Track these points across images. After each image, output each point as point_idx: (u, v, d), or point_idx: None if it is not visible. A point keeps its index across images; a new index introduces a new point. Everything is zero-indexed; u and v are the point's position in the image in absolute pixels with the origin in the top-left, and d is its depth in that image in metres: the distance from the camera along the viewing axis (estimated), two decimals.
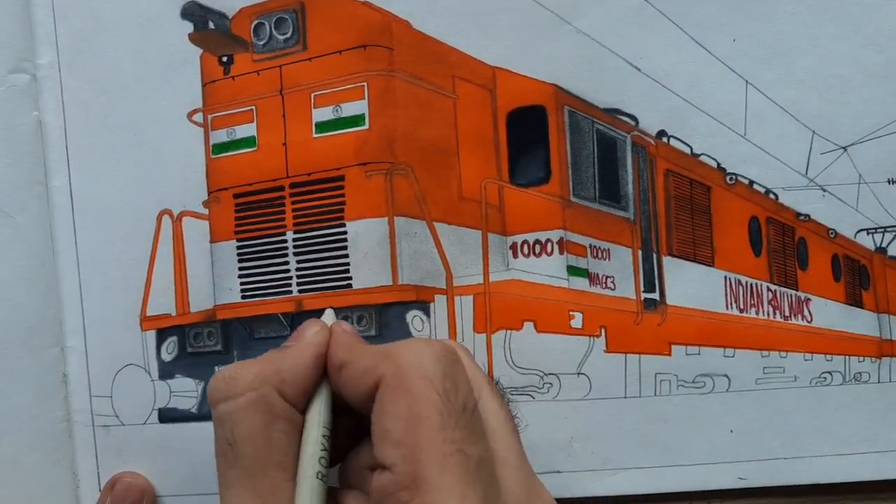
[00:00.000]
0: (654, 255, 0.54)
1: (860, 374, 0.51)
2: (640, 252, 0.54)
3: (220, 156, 0.53)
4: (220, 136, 0.53)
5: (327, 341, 0.41)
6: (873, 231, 0.51)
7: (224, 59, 0.53)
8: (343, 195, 0.51)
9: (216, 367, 0.52)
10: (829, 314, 0.54)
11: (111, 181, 0.53)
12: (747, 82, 0.51)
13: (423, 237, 0.50)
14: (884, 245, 0.52)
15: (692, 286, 0.52)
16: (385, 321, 0.50)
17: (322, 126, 0.51)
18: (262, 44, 0.52)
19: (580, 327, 0.52)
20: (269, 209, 0.52)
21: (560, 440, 0.51)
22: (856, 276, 0.54)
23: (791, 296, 0.55)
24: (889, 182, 0.51)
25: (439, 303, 0.50)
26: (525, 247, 0.52)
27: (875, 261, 0.52)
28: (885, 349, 0.52)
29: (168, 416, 0.53)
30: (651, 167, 0.54)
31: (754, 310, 0.54)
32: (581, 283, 0.52)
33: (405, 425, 0.36)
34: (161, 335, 0.53)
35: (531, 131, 0.53)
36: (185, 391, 0.53)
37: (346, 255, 0.51)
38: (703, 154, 0.52)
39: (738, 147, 0.51)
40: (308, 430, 0.39)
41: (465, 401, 0.37)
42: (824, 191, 0.52)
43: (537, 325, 0.51)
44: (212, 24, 0.52)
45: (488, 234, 0.52)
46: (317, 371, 0.40)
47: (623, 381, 0.51)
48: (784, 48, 0.51)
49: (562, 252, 0.52)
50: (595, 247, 0.53)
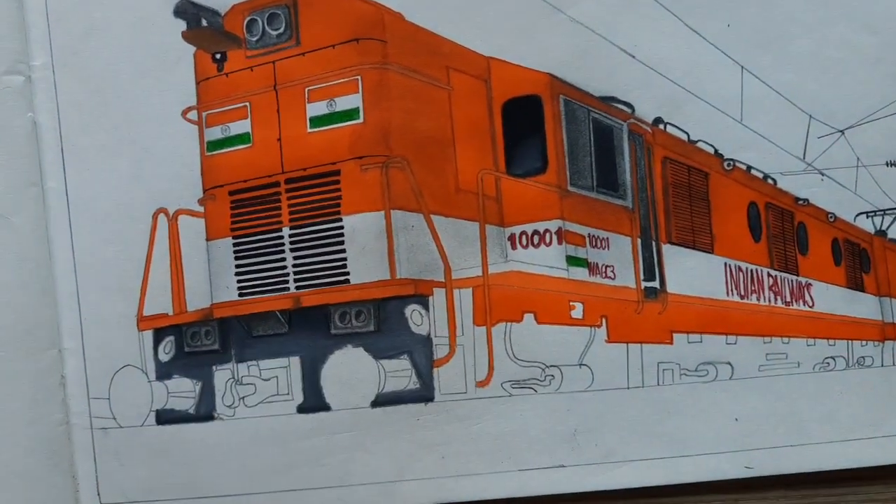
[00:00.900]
0: (654, 243, 0.53)
1: (863, 358, 0.51)
2: (639, 240, 0.53)
3: (214, 153, 0.53)
4: (214, 134, 0.53)
5: None
6: (873, 214, 0.51)
7: (217, 56, 0.53)
8: (339, 190, 0.50)
9: (214, 367, 0.52)
10: (830, 299, 0.53)
11: (106, 181, 0.53)
12: (743, 68, 0.51)
13: (421, 230, 0.50)
14: (884, 228, 0.52)
15: (692, 274, 0.52)
16: (384, 316, 0.50)
17: (316, 121, 0.51)
18: (255, 40, 0.52)
19: (581, 318, 0.52)
20: (265, 205, 0.52)
21: (563, 433, 0.51)
22: (856, 259, 0.54)
23: (792, 281, 0.55)
24: (887, 164, 0.51)
25: (438, 296, 0.50)
26: (523, 238, 0.52)
27: (875, 244, 0.52)
28: (887, 332, 0.51)
29: (166, 417, 0.52)
30: (648, 155, 0.54)
31: (755, 296, 0.54)
32: (580, 273, 0.52)
33: None
34: (158, 335, 0.53)
35: (527, 121, 0.52)
36: (183, 392, 0.52)
37: (343, 251, 0.50)
38: (700, 140, 0.52)
39: (735, 133, 0.51)
40: None
41: None
42: (822, 175, 0.51)
43: (537, 317, 0.51)
44: (205, 22, 0.52)
45: (486, 226, 0.51)
46: None
47: (625, 372, 0.51)
48: (779, 33, 0.51)
49: (560, 242, 0.52)
50: (594, 236, 0.53)
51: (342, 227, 0.50)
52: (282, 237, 0.52)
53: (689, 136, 0.52)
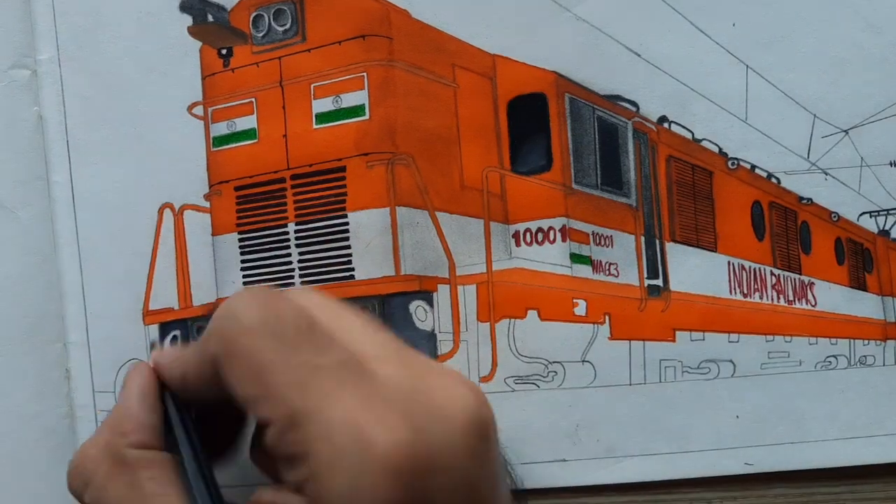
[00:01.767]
0: (657, 242, 0.54)
1: (865, 357, 0.51)
2: (642, 238, 0.54)
3: (220, 148, 0.53)
4: (220, 129, 0.53)
5: (148, 372, 0.41)
6: (876, 214, 0.51)
7: (223, 51, 0.53)
8: (344, 186, 0.51)
9: None
10: (832, 298, 0.53)
11: (112, 176, 0.53)
12: (748, 67, 0.51)
13: (425, 227, 0.50)
14: (887, 228, 0.52)
15: (695, 272, 0.52)
16: (388, 312, 0.50)
17: (322, 117, 0.51)
18: (261, 35, 0.52)
19: (584, 315, 0.52)
20: (271, 201, 0.52)
21: (565, 428, 0.51)
22: (859, 259, 0.54)
23: (795, 280, 0.55)
24: (891, 164, 0.51)
25: (442, 292, 0.50)
26: (527, 235, 0.52)
27: (878, 244, 0.52)
28: (889, 332, 0.51)
29: None
30: (653, 153, 0.54)
31: (758, 294, 0.54)
32: (584, 271, 0.52)
33: (253, 377, 0.34)
34: (164, 329, 0.53)
35: (532, 119, 0.53)
36: None
37: (349, 247, 0.50)
38: (704, 139, 0.52)
39: (740, 132, 0.51)
40: (184, 458, 0.38)
41: (291, 318, 0.35)
42: (826, 174, 0.52)
43: (541, 314, 0.51)
44: (211, 17, 0.52)
45: (490, 223, 0.52)
46: (150, 402, 0.40)
47: (628, 368, 0.51)
48: (784, 32, 0.51)
49: (564, 240, 0.52)
50: (598, 234, 0.53)
51: (347, 224, 0.51)
52: (287, 233, 0.52)
53: (693, 134, 0.52)
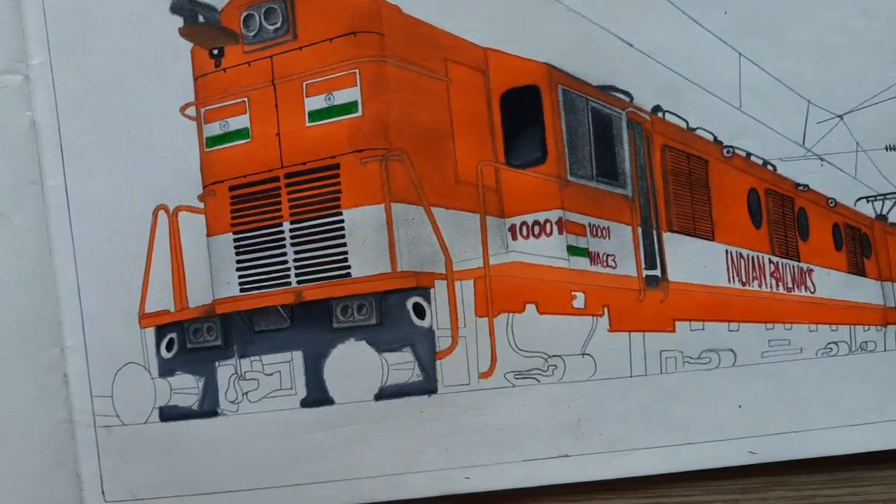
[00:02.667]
0: (654, 232, 0.53)
1: (866, 343, 0.51)
2: (639, 229, 0.53)
3: (213, 149, 0.53)
4: (213, 129, 0.53)
5: None
6: (873, 199, 0.51)
7: (215, 51, 0.53)
8: (339, 183, 0.50)
9: (217, 363, 0.52)
10: (831, 284, 0.53)
11: (106, 179, 0.53)
12: (740, 54, 0.51)
13: (421, 223, 0.50)
14: (884, 212, 0.52)
15: (693, 261, 0.52)
16: (385, 309, 0.50)
17: (315, 115, 0.51)
18: (252, 35, 0.52)
19: (583, 307, 0.52)
20: (265, 200, 0.52)
21: (567, 423, 0.51)
22: (857, 244, 0.54)
23: (793, 267, 0.55)
24: (887, 149, 0.51)
25: (440, 288, 0.50)
26: (524, 228, 0.52)
27: (876, 228, 0.52)
28: (889, 317, 0.51)
29: (169, 414, 0.52)
30: (647, 143, 0.54)
31: (757, 282, 0.54)
32: (582, 263, 0.52)
33: None
34: (160, 332, 0.53)
35: (525, 112, 0.52)
36: (186, 388, 0.52)
37: (344, 244, 0.50)
38: (699, 128, 0.52)
39: (734, 120, 0.51)
40: None
41: None
42: (822, 160, 0.51)
43: (539, 307, 0.51)
44: (201, 18, 0.52)
45: (486, 217, 0.51)
46: None
47: (628, 360, 0.51)
48: (776, 19, 0.51)
49: (561, 232, 0.52)
50: (594, 225, 0.53)
51: (342, 221, 0.50)
52: (282, 232, 0.51)
53: (688, 123, 0.52)
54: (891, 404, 0.50)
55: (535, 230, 0.52)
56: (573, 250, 0.52)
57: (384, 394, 0.50)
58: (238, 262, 0.52)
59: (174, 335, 0.53)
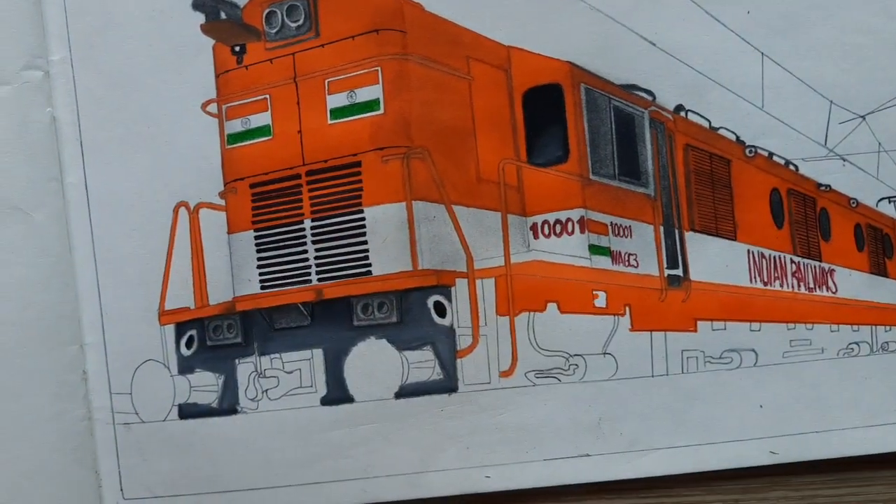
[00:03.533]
0: (676, 231, 0.53)
1: (887, 343, 0.51)
2: (661, 228, 0.53)
3: (235, 146, 0.53)
4: (234, 126, 0.53)
5: None
6: (895, 199, 0.51)
7: (237, 48, 0.53)
8: (360, 181, 0.50)
9: (237, 360, 0.52)
10: (853, 284, 0.53)
11: (126, 175, 0.53)
12: (763, 54, 0.51)
13: (442, 221, 0.50)
14: None
15: (715, 261, 0.52)
16: (406, 307, 0.49)
17: (337, 112, 0.51)
18: (274, 32, 0.52)
19: (604, 306, 0.52)
20: (287, 198, 0.52)
21: (588, 422, 0.51)
22: (879, 244, 0.54)
23: (815, 267, 0.55)
24: None
25: (460, 287, 0.50)
26: (545, 227, 0.52)
27: None
28: None
29: (188, 411, 0.52)
30: (670, 142, 0.54)
31: (778, 282, 0.54)
32: (603, 262, 0.52)
33: None
34: (180, 329, 0.53)
35: (548, 110, 0.52)
36: (206, 385, 0.52)
37: (365, 242, 0.50)
38: (721, 128, 0.51)
39: (757, 119, 0.51)
40: None
41: None
42: (844, 160, 0.51)
43: (561, 306, 0.51)
44: (223, 14, 0.52)
45: (508, 216, 0.51)
46: None
47: (650, 360, 0.51)
48: (799, 19, 0.51)
49: (583, 231, 0.52)
50: (616, 224, 0.53)
51: (364, 219, 0.50)
52: (303, 229, 0.51)
53: (710, 123, 0.51)
54: None
55: (557, 229, 0.51)
56: (595, 249, 0.52)
57: (404, 392, 0.49)
58: (259, 259, 0.52)
59: (194, 332, 0.53)
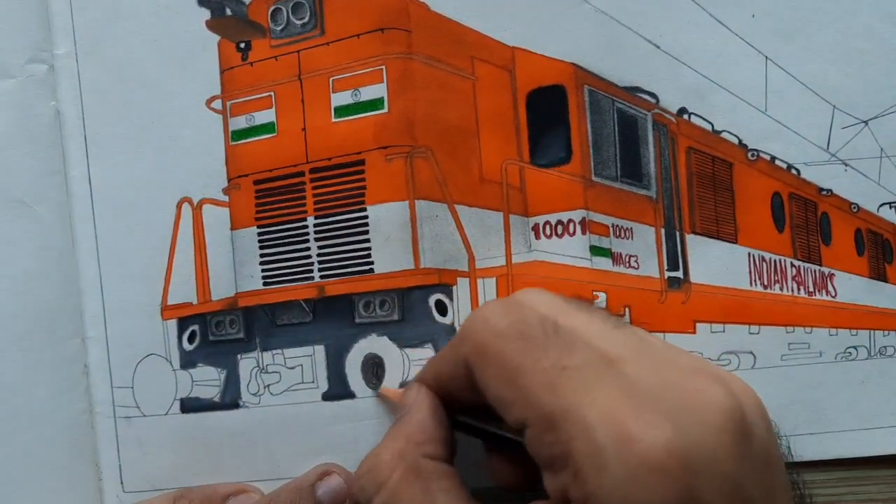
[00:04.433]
0: (678, 233, 0.54)
1: (885, 348, 0.51)
2: (662, 230, 0.54)
3: (239, 142, 0.53)
4: (239, 123, 0.53)
5: (432, 393, 0.42)
6: None
7: (242, 45, 0.53)
8: (363, 179, 0.50)
9: (239, 356, 0.52)
10: (853, 289, 0.53)
11: (130, 170, 0.53)
12: (767, 58, 0.51)
13: (445, 220, 0.50)
14: None
15: (716, 263, 0.52)
16: (408, 305, 0.50)
17: (341, 110, 0.51)
18: (279, 29, 0.52)
19: (604, 307, 0.52)
20: (290, 195, 0.52)
21: None
22: (879, 250, 0.54)
23: (815, 271, 0.55)
24: None
25: (462, 286, 0.50)
26: (547, 227, 0.52)
27: None
28: None
29: (190, 405, 0.52)
30: (672, 145, 0.54)
31: (778, 286, 0.54)
32: (604, 263, 0.52)
33: (505, 380, 0.36)
34: (182, 324, 0.53)
35: (551, 111, 0.52)
36: (208, 380, 0.52)
37: (368, 240, 0.50)
38: (724, 131, 0.52)
39: (759, 123, 0.51)
40: None
41: (537, 322, 0.36)
42: (846, 165, 0.52)
43: None
44: (229, 11, 0.52)
45: (510, 216, 0.51)
46: (441, 417, 0.41)
47: None
48: (803, 23, 0.51)
49: (584, 232, 0.52)
50: (618, 226, 0.53)
51: (367, 217, 0.50)
52: (306, 226, 0.52)
53: (713, 126, 0.52)
54: None
55: (559, 230, 0.52)
56: (596, 250, 0.52)
57: None
58: (261, 255, 0.52)
59: (196, 327, 0.53)
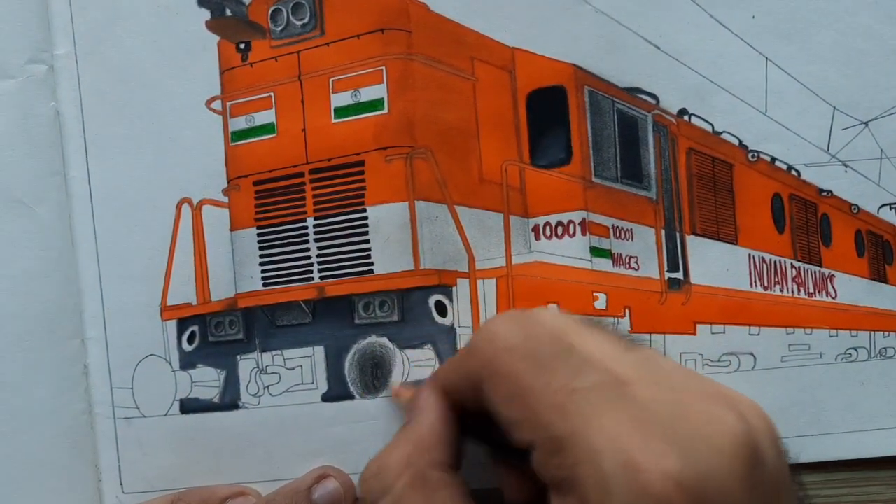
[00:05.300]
0: (678, 235, 0.54)
1: (885, 349, 0.51)
2: (663, 231, 0.54)
3: (239, 143, 0.53)
4: (238, 124, 0.53)
5: (444, 394, 0.42)
6: None
7: (242, 45, 0.53)
8: (363, 180, 0.50)
9: (238, 356, 0.52)
10: (853, 290, 0.53)
11: (130, 170, 0.53)
12: (767, 59, 0.51)
13: (445, 221, 0.50)
14: None
15: (716, 265, 0.52)
16: (408, 306, 0.50)
17: (341, 111, 0.51)
18: (279, 30, 0.52)
19: (604, 308, 0.52)
20: (290, 196, 0.52)
21: None
22: (879, 251, 0.54)
23: (815, 272, 0.55)
24: None
25: (462, 287, 0.50)
26: (547, 228, 0.52)
27: None
28: None
29: (189, 406, 0.52)
30: (673, 146, 0.54)
31: (778, 287, 0.54)
32: (604, 264, 0.52)
33: (515, 399, 0.36)
34: (182, 325, 0.53)
35: (551, 112, 0.52)
36: (207, 381, 0.52)
37: (368, 241, 0.50)
38: (724, 132, 0.52)
39: (760, 124, 0.51)
40: None
41: (548, 341, 0.36)
42: (846, 166, 0.52)
43: (561, 307, 0.51)
44: (229, 11, 0.52)
45: (510, 217, 0.51)
46: (451, 422, 0.41)
47: None
48: (803, 24, 0.51)
49: (584, 233, 0.52)
50: (618, 227, 0.53)
51: (366, 218, 0.50)
52: (306, 227, 0.52)
53: (713, 127, 0.52)
54: None
55: (559, 231, 0.52)
56: (596, 251, 0.52)
57: None
58: (261, 256, 0.52)
59: (196, 328, 0.53)
